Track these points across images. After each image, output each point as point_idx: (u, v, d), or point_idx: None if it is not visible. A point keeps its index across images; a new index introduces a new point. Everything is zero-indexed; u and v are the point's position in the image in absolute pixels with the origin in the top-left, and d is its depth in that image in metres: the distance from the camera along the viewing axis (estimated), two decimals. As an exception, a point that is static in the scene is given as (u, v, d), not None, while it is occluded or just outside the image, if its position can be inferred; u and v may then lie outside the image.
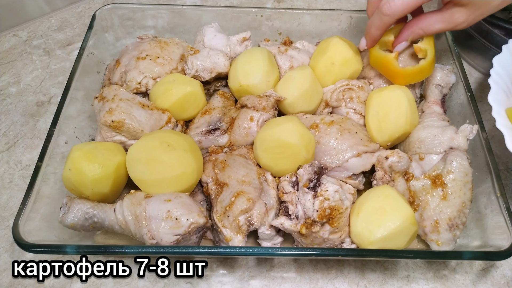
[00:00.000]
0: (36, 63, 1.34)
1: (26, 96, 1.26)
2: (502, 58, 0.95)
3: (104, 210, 0.86)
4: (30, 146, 1.16)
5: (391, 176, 0.93)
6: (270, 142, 0.90)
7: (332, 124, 0.97)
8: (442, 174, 0.90)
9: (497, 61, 0.94)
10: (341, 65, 1.07)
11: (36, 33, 1.42)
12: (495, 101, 0.87)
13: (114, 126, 0.94)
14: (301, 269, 0.96)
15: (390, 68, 1.00)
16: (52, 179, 0.91)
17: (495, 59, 0.94)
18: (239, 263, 0.96)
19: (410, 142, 0.99)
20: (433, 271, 0.96)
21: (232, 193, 0.88)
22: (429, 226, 0.89)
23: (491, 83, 0.91)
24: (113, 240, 0.93)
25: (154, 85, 1.06)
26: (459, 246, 0.91)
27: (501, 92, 0.91)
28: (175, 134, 0.94)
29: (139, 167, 0.88)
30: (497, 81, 0.91)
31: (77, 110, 1.04)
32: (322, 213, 0.82)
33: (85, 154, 0.87)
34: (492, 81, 0.91)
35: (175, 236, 0.82)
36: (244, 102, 1.02)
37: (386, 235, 0.82)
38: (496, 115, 0.85)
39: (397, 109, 0.97)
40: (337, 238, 0.87)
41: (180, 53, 1.13)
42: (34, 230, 0.83)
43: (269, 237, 0.89)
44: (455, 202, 0.88)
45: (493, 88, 0.90)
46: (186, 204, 0.85)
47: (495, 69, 0.93)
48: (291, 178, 0.89)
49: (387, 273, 0.96)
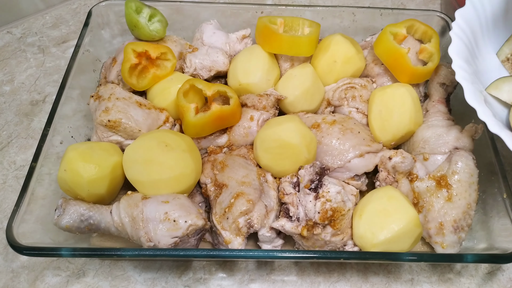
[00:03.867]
0: (30, 61, 1.34)
1: (20, 95, 1.26)
2: (465, 11, 0.93)
3: (100, 211, 0.86)
4: (24, 146, 1.16)
5: (395, 177, 0.93)
6: (270, 142, 0.90)
7: (334, 124, 0.97)
8: (447, 174, 0.90)
9: (460, 14, 0.92)
10: (343, 63, 1.07)
11: (30, 30, 1.42)
12: (456, 54, 0.86)
13: (110, 126, 0.94)
14: (302, 272, 0.96)
15: (401, 62, 1.00)
16: (47, 180, 0.91)
17: (457, 12, 0.93)
18: (239, 266, 0.96)
19: (414, 142, 0.99)
20: (438, 274, 0.96)
21: (232, 194, 0.88)
22: (434, 228, 0.89)
23: (453, 36, 0.89)
24: (109, 243, 0.93)
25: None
26: (465, 248, 0.91)
27: (462, 46, 0.89)
28: (173, 134, 0.94)
29: (136, 168, 0.88)
30: (459, 35, 0.90)
31: (73, 109, 1.04)
32: (323, 215, 0.82)
33: (81, 155, 0.87)
34: (454, 34, 0.89)
35: (173, 238, 0.82)
36: (244, 101, 1.02)
37: (390, 237, 0.82)
38: (456, 68, 0.84)
39: (401, 108, 0.97)
40: (339, 240, 0.87)
41: (178, 51, 1.13)
42: (28, 233, 0.83)
43: (270, 239, 0.89)
44: (460, 204, 0.88)
45: (454, 41, 0.88)
46: (185, 205, 0.85)
47: (457, 22, 0.91)
48: (292, 179, 0.90)
49: (391, 277, 0.96)
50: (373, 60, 1.11)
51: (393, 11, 1.21)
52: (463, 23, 0.91)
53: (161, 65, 1.04)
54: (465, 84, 0.82)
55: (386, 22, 1.17)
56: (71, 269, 0.96)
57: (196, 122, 0.93)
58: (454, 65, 0.84)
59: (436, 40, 1.03)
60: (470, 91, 0.81)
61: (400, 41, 1.06)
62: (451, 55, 0.86)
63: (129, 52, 1.00)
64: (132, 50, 1.00)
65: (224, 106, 0.94)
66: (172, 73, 1.06)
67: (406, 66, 1.00)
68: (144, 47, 1.01)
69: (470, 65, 0.89)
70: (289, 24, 1.10)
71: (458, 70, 0.83)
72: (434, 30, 1.05)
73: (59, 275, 0.95)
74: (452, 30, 0.90)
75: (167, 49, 1.04)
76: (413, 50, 1.06)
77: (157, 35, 1.10)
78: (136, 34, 1.11)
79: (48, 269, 0.96)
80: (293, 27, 1.11)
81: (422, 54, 1.04)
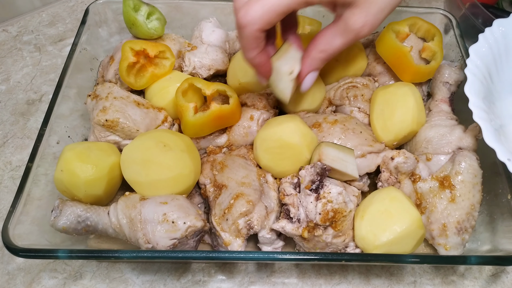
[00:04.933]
0: (26, 60, 1.34)
1: (16, 94, 1.26)
2: (478, 47, 0.93)
3: (98, 213, 0.86)
4: (20, 146, 1.16)
5: (397, 177, 0.93)
6: (270, 142, 0.90)
7: (336, 123, 0.97)
8: (450, 175, 0.90)
9: (474, 50, 0.93)
10: (345, 61, 1.07)
11: (26, 28, 1.42)
12: (471, 93, 0.86)
13: (108, 126, 0.94)
14: (303, 275, 0.96)
15: (403, 61, 1.00)
16: (43, 181, 0.91)
17: (471, 48, 0.93)
18: (239, 268, 0.96)
19: (417, 142, 0.99)
20: (441, 276, 0.96)
21: (231, 195, 0.88)
22: (437, 230, 0.89)
23: (468, 73, 0.89)
24: (107, 244, 0.93)
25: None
26: (468, 250, 0.91)
27: (477, 83, 0.89)
28: (172, 133, 0.94)
29: (134, 168, 0.88)
30: (473, 72, 0.90)
31: (70, 108, 1.04)
32: (325, 216, 0.82)
33: (78, 155, 0.87)
34: (469, 71, 0.89)
35: (171, 240, 0.82)
36: (244, 100, 1.02)
37: (392, 239, 0.82)
38: (473, 107, 0.84)
39: (403, 107, 0.97)
40: (341, 242, 0.87)
41: (176, 49, 1.13)
42: (24, 234, 0.83)
43: (270, 241, 0.89)
44: (464, 205, 0.88)
45: (470, 79, 0.88)
46: (183, 206, 0.85)
47: (471, 59, 0.91)
48: (293, 179, 0.90)
49: (393, 279, 0.96)
50: (375, 58, 1.11)
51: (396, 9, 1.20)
52: (477, 59, 0.91)
53: (159, 64, 1.04)
54: (483, 124, 0.82)
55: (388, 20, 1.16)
56: (68, 271, 0.96)
57: (195, 122, 0.93)
58: (471, 105, 0.84)
59: (439, 38, 1.03)
60: (489, 131, 0.82)
61: (403, 39, 1.06)
62: (467, 94, 0.85)
63: (127, 50, 1.00)
64: (130, 49, 1.00)
65: (224, 106, 0.93)
66: (171, 72, 1.06)
67: (409, 64, 1.00)
68: (142, 46, 1.01)
69: (486, 102, 0.89)
70: None
71: (475, 110, 0.84)
72: (437, 28, 1.05)
73: (55, 277, 0.95)
74: (467, 67, 0.90)
75: (166, 48, 1.04)
76: (416, 48, 1.06)
77: (156, 33, 1.10)
78: (134, 32, 1.11)
79: (44, 271, 0.96)
80: None
81: (425, 52, 1.04)
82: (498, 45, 0.94)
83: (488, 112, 0.86)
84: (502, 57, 0.96)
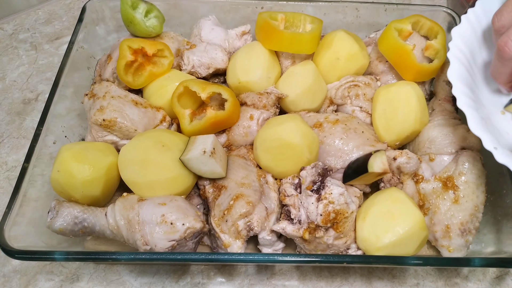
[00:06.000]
0: (22, 58, 1.34)
1: (12, 93, 1.26)
2: (461, 29, 0.90)
3: (95, 214, 0.86)
4: (16, 146, 1.16)
5: (400, 178, 0.93)
6: (271, 142, 0.90)
7: (337, 123, 0.97)
8: (453, 176, 0.90)
9: (457, 32, 0.89)
10: (347, 60, 1.07)
11: (22, 26, 1.42)
12: (455, 78, 0.83)
13: (105, 125, 0.94)
14: (303, 277, 0.96)
15: (406, 60, 1.00)
16: (40, 181, 0.91)
17: (454, 30, 0.89)
18: (238, 271, 0.96)
19: (420, 141, 0.99)
20: (444, 279, 0.96)
21: (231, 196, 0.88)
22: (440, 231, 0.89)
23: (451, 57, 0.86)
24: (104, 246, 0.93)
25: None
26: (472, 252, 0.91)
27: (461, 68, 0.85)
28: (170, 133, 0.94)
29: (132, 169, 0.88)
30: (457, 55, 0.86)
31: (66, 108, 1.04)
32: (326, 217, 0.82)
33: (75, 155, 0.87)
34: (452, 55, 0.86)
35: (170, 241, 0.82)
36: (243, 99, 1.02)
37: (394, 240, 0.82)
38: (457, 93, 0.81)
39: (406, 107, 0.97)
40: (342, 244, 0.87)
41: (175, 47, 1.13)
42: (20, 236, 0.83)
43: (270, 242, 0.89)
44: (468, 206, 0.88)
45: (453, 63, 0.85)
46: (182, 207, 0.85)
47: (454, 42, 0.87)
48: (293, 180, 0.90)
49: (395, 281, 0.96)
50: (377, 57, 1.11)
51: (398, 7, 1.20)
52: (461, 43, 0.88)
53: (157, 63, 1.04)
54: (468, 111, 0.79)
55: (390, 18, 1.17)
56: (64, 274, 0.96)
57: (191, 130, 0.95)
58: (455, 91, 0.81)
59: (442, 36, 1.03)
60: (474, 118, 0.78)
61: (405, 37, 1.06)
62: (451, 80, 0.82)
63: (124, 49, 1.00)
64: (127, 47, 1.00)
65: (219, 112, 0.94)
66: (169, 70, 1.06)
67: (412, 63, 1.00)
68: (140, 44, 1.01)
69: (471, 88, 0.86)
70: (290, 20, 1.10)
71: (460, 96, 0.81)
72: (441, 26, 1.05)
73: (52, 279, 0.95)
74: (450, 51, 0.86)
75: (164, 46, 1.04)
76: (419, 47, 1.06)
77: (154, 31, 1.10)
78: (132, 30, 1.11)
79: (41, 273, 0.96)
80: (294, 23, 1.11)
81: (428, 51, 1.04)
82: (482, 26, 0.91)
83: (474, 100, 0.83)
84: (486, 39, 0.93)
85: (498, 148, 0.76)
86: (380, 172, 0.85)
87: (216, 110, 0.96)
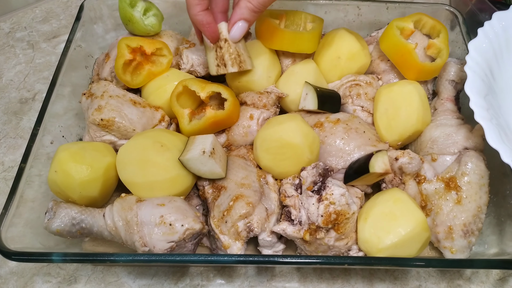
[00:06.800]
0: (19, 57, 1.34)
1: (9, 92, 1.26)
2: (478, 42, 0.91)
3: (93, 215, 0.86)
4: (13, 146, 1.16)
5: (402, 178, 0.93)
6: (271, 142, 0.90)
7: (338, 123, 0.97)
8: (456, 176, 0.90)
9: (474, 46, 0.90)
10: (348, 59, 1.07)
11: (19, 24, 1.42)
12: (472, 91, 0.84)
13: (103, 125, 0.94)
14: (304, 279, 0.96)
15: (408, 58, 1.00)
16: (37, 182, 0.91)
17: (471, 44, 0.90)
18: (238, 272, 0.96)
19: (422, 141, 0.99)
20: (447, 280, 0.96)
21: (231, 196, 0.88)
22: (442, 233, 0.89)
23: (468, 71, 0.86)
24: (102, 248, 0.93)
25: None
26: (475, 254, 0.91)
27: (478, 81, 0.86)
28: (169, 133, 0.94)
29: (130, 169, 0.88)
30: (474, 69, 0.87)
31: (64, 107, 1.04)
32: (327, 218, 0.82)
33: (72, 155, 0.87)
34: (469, 69, 0.86)
35: (169, 243, 0.82)
36: (243, 99, 1.02)
37: (396, 242, 0.82)
38: (474, 107, 0.82)
39: (408, 106, 0.97)
40: (343, 245, 0.87)
41: (174, 46, 1.13)
42: (17, 237, 0.83)
43: (270, 244, 0.89)
44: (470, 207, 0.88)
45: (470, 77, 0.85)
46: (181, 208, 0.85)
47: (471, 55, 0.88)
48: (294, 180, 0.90)
49: (397, 283, 0.96)
50: (379, 56, 1.11)
51: (400, 5, 1.21)
52: (477, 56, 0.89)
53: (156, 61, 1.04)
54: (485, 124, 0.80)
55: (392, 16, 1.18)
56: (62, 275, 0.96)
57: (190, 130, 0.95)
58: (472, 104, 0.82)
59: (445, 35, 1.03)
60: (492, 131, 0.80)
61: (407, 36, 1.06)
62: (468, 93, 0.83)
63: (123, 47, 1.00)
64: (126, 46, 1.00)
65: (219, 112, 0.94)
66: (168, 69, 1.06)
67: (414, 62, 1.00)
68: (138, 43, 1.01)
69: (489, 100, 0.87)
70: (290, 19, 1.10)
71: (477, 109, 0.81)
72: (443, 25, 1.05)
73: (49, 281, 0.95)
74: (467, 64, 0.87)
75: (163, 45, 1.04)
76: (421, 45, 1.06)
77: (152, 29, 1.10)
78: (130, 29, 1.11)
79: (38, 275, 0.96)
80: (295, 21, 1.11)
81: (430, 49, 1.04)
82: (499, 39, 0.93)
83: (490, 111, 0.85)
84: (504, 52, 0.94)
85: None
86: (381, 172, 0.85)
87: (215, 109, 0.96)
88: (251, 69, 0.99)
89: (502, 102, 0.93)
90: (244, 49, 0.97)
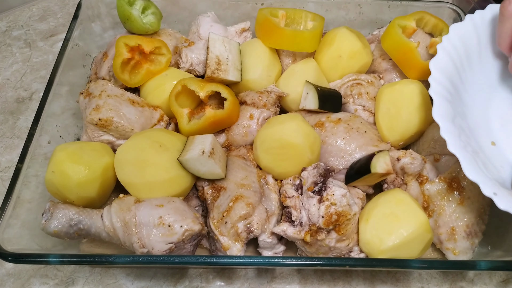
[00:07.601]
0: (16, 56, 1.34)
1: (5, 91, 1.26)
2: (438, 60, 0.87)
3: (91, 216, 0.86)
4: (9, 147, 1.16)
5: (404, 179, 0.93)
6: (271, 142, 0.90)
7: (339, 123, 0.97)
8: (459, 176, 0.90)
9: (434, 65, 0.86)
10: (349, 58, 1.07)
11: (16, 23, 1.42)
12: (441, 116, 0.79)
13: (101, 125, 0.94)
14: (305, 281, 0.96)
15: (410, 57, 1.00)
16: (34, 182, 0.91)
17: (431, 63, 0.86)
18: (238, 274, 0.96)
19: (424, 141, 0.99)
20: (449, 282, 0.96)
21: (230, 197, 0.88)
22: (445, 234, 0.89)
23: (432, 94, 0.81)
24: (100, 249, 0.93)
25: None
26: (478, 255, 0.91)
27: (445, 103, 0.82)
28: (168, 133, 0.94)
29: (128, 169, 0.88)
30: (437, 91, 0.82)
31: (61, 107, 1.04)
32: (328, 219, 0.82)
33: (70, 155, 0.87)
34: (433, 91, 0.82)
35: (167, 244, 0.82)
36: (243, 98, 1.02)
37: (398, 243, 0.82)
38: (445, 135, 0.77)
39: (410, 106, 0.97)
40: (345, 246, 0.87)
41: (173, 45, 1.13)
42: (14, 238, 0.83)
43: (271, 245, 0.89)
44: (473, 208, 0.88)
45: (436, 101, 0.81)
46: (180, 209, 0.85)
47: (433, 76, 0.84)
48: (295, 181, 0.89)
49: (399, 285, 0.96)
50: (381, 55, 1.11)
51: (402, 3, 1.21)
52: (439, 75, 0.85)
53: (155, 60, 1.04)
54: (460, 155, 0.76)
55: (394, 15, 1.17)
56: (59, 277, 0.96)
57: (189, 130, 0.95)
58: (443, 133, 0.77)
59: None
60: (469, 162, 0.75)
61: (409, 34, 1.06)
62: (436, 120, 0.78)
63: (121, 46, 1.00)
64: (124, 44, 1.00)
65: (218, 111, 0.94)
66: (167, 68, 1.06)
67: (416, 61, 1.00)
68: (137, 41, 1.01)
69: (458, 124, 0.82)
70: (291, 17, 1.10)
71: (449, 138, 0.77)
72: (445, 23, 1.05)
73: (46, 283, 0.95)
74: (431, 87, 0.82)
75: (162, 43, 1.04)
76: (423, 44, 1.06)
77: (151, 28, 1.10)
78: (129, 27, 1.11)
79: (35, 277, 0.96)
80: (295, 20, 1.11)
81: (432, 48, 1.04)
82: (459, 53, 0.90)
83: (462, 137, 0.80)
84: (465, 66, 0.91)
85: (498, 193, 0.75)
86: (383, 173, 0.85)
87: (215, 109, 0.96)
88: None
89: (470, 119, 0.89)
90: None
